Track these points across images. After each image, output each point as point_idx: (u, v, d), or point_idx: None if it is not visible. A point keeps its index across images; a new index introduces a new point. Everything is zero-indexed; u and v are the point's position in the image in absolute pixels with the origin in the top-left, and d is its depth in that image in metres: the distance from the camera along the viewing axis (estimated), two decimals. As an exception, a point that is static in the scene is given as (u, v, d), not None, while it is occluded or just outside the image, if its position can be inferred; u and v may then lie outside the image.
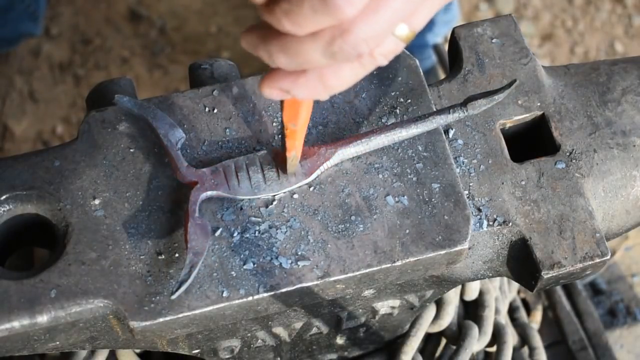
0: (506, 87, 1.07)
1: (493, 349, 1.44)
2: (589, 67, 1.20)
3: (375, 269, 1.03)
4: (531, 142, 1.17)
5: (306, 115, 0.95)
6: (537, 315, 1.72)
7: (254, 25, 0.82)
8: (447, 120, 1.07)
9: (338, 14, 0.75)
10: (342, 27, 0.77)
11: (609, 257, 1.07)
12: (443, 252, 1.04)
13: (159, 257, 1.03)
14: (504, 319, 1.51)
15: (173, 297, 0.98)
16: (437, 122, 1.07)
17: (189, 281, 0.98)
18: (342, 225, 1.05)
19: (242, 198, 1.05)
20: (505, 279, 1.54)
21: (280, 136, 1.09)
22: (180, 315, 1.00)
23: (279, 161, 1.06)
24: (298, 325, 1.19)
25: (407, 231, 1.05)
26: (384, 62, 0.82)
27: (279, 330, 1.18)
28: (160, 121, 1.07)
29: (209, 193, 1.04)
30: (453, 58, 1.21)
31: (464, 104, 1.06)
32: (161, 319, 1.00)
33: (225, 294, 1.01)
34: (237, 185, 1.05)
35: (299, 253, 1.03)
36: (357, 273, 1.03)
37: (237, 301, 1.01)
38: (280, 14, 0.77)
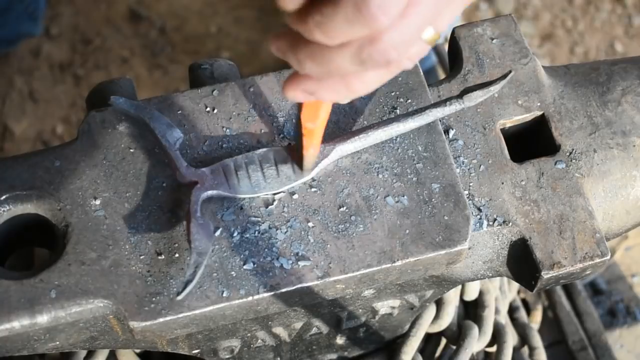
0: (501, 78, 1.07)
1: (493, 349, 1.44)
2: (589, 67, 1.20)
3: (375, 269, 1.03)
4: (531, 142, 1.17)
5: (325, 116, 0.95)
6: (537, 315, 1.72)
7: (283, 30, 0.81)
8: (444, 113, 1.07)
9: (373, 25, 0.73)
10: (371, 35, 0.75)
11: (609, 257, 1.07)
12: (443, 252, 1.04)
13: (159, 257, 1.03)
14: (504, 319, 1.51)
15: (179, 297, 0.98)
16: (434, 115, 1.07)
17: (195, 281, 0.98)
18: (342, 225, 1.05)
19: (242, 197, 1.05)
20: (505, 279, 1.54)
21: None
22: (180, 315, 1.00)
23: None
24: (298, 325, 1.19)
25: (407, 231, 1.05)
26: (409, 66, 0.81)
27: (279, 330, 1.18)
28: (157, 122, 1.07)
29: (210, 193, 1.04)
30: (453, 58, 1.21)
31: (460, 95, 1.07)
32: (161, 319, 1.00)
33: (225, 294, 1.01)
34: (237, 184, 1.05)
35: (299, 253, 1.03)
36: (357, 273, 1.03)
37: (237, 301, 1.01)
38: (313, 25, 0.75)
